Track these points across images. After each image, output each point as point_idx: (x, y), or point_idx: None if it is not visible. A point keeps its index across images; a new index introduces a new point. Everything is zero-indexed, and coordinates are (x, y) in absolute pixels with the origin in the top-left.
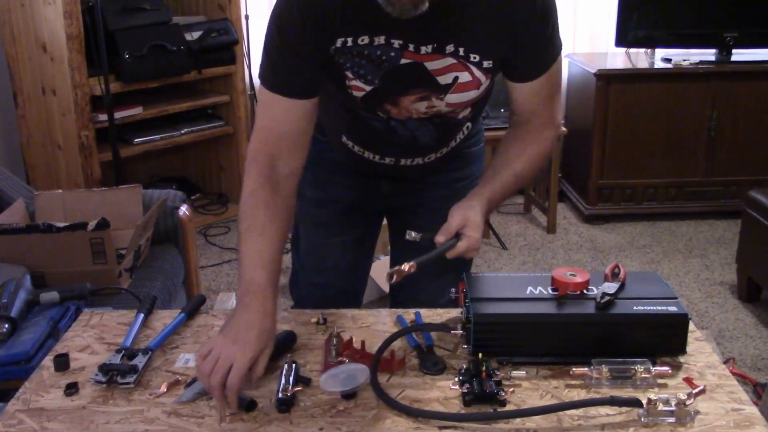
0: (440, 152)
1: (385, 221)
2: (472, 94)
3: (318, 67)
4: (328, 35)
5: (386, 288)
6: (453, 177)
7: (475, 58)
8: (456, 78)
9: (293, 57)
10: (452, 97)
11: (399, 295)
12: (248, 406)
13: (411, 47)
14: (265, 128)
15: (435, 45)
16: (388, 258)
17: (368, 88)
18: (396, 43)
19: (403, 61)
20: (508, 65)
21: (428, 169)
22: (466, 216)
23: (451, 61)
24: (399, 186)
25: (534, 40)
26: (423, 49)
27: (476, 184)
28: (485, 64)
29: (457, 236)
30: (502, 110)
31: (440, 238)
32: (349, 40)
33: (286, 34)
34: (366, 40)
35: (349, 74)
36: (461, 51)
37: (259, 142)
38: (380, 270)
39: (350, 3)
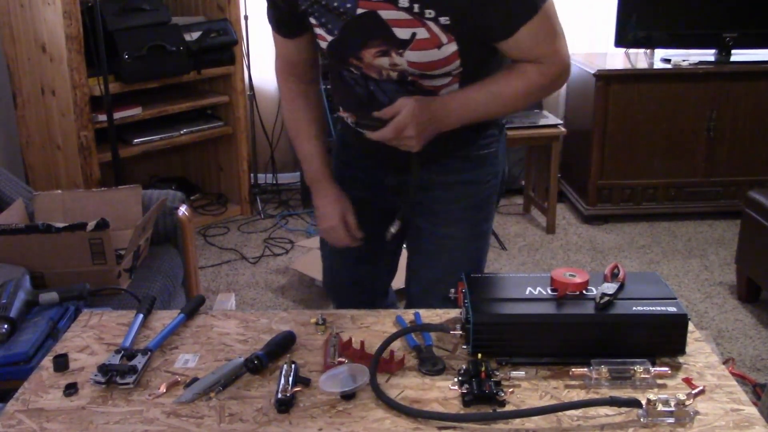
0: None
1: None
2: (434, 54)
3: (294, 14)
4: None
5: None
6: (458, 179)
7: (430, 13)
8: (414, 34)
9: (275, 7)
10: (412, 55)
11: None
12: None
13: None
14: (279, 56)
15: None
16: None
17: (330, 38)
18: None
19: (360, 10)
20: (481, 27)
21: (421, 156)
22: (405, 105)
23: (405, 15)
24: (402, 180)
25: None
26: None
27: (483, 189)
28: (442, 20)
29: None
30: None
31: (377, 115)
32: None
33: None
34: None
35: (314, 21)
36: (416, 6)
37: (280, 65)
38: None
39: None
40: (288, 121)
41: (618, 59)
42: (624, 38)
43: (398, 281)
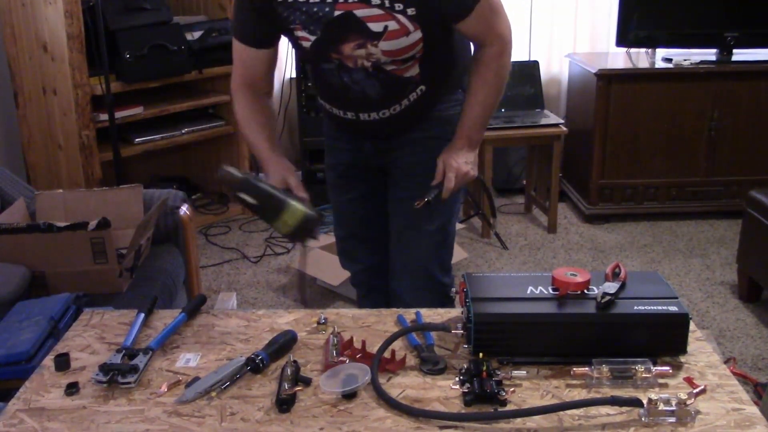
0: (393, 109)
1: None
2: (403, 42)
3: (267, 21)
4: None
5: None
6: (425, 135)
7: (399, 6)
8: (386, 27)
9: (247, 11)
10: (385, 45)
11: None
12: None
13: None
14: (238, 68)
15: None
16: None
17: (312, 38)
18: None
19: (337, 12)
20: (441, 13)
21: (392, 127)
22: (444, 160)
23: (378, 11)
24: (379, 146)
25: None
26: None
27: (450, 143)
28: (409, 11)
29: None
30: (503, 110)
31: (433, 182)
32: None
33: None
34: None
35: (295, 26)
36: (386, 2)
37: (237, 78)
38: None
39: None
40: (243, 128)
41: (619, 59)
42: (625, 38)
43: None
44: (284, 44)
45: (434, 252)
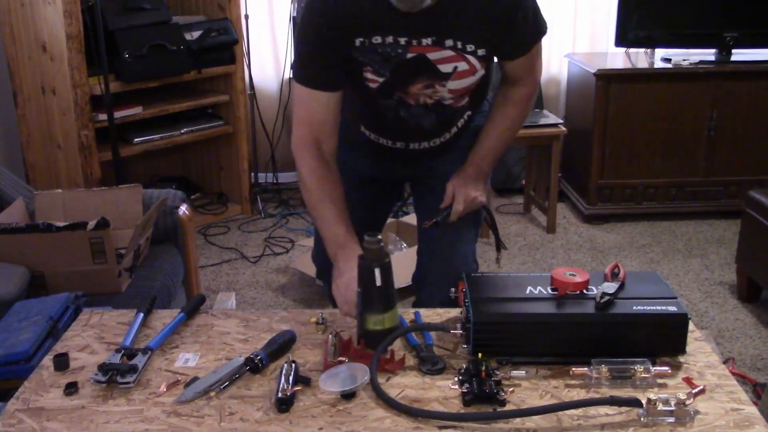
0: (443, 137)
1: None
2: (470, 80)
3: (341, 63)
4: (348, 37)
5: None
6: (458, 145)
7: (470, 48)
8: (455, 67)
9: (321, 56)
10: (453, 84)
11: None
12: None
13: (414, 42)
14: (305, 119)
15: (434, 38)
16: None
17: (381, 80)
18: (402, 40)
19: (409, 55)
20: (505, 51)
21: (437, 152)
22: (454, 185)
23: (450, 53)
24: (411, 165)
25: (517, 27)
26: (424, 41)
27: (460, 169)
28: (480, 52)
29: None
30: None
31: (442, 205)
32: (366, 40)
33: (314, 37)
34: (379, 39)
35: (365, 68)
36: (459, 44)
37: (303, 132)
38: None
39: (365, 10)
40: (314, 202)
41: (618, 59)
42: (624, 38)
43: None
44: (284, 44)
45: (471, 258)
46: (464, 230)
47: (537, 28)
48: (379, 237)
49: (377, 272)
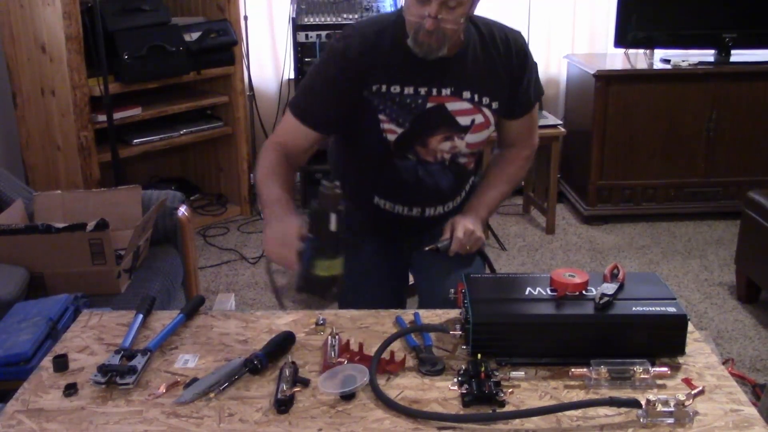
0: (455, 201)
1: None
2: (485, 134)
3: (346, 107)
4: (365, 80)
5: None
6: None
7: (485, 100)
8: (473, 120)
9: (329, 96)
10: (471, 137)
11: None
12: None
13: (434, 92)
14: (281, 136)
15: (453, 89)
16: None
17: (400, 130)
18: (422, 90)
19: (429, 105)
20: (512, 107)
21: (446, 219)
22: (453, 220)
23: (467, 105)
24: (418, 241)
25: (526, 83)
26: (444, 92)
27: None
28: (494, 105)
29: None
30: None
31: (442, 237)
32: (383, 87)
33: (329, 76)
34: (398, 89)
35: (383, 117)
36: (476, 97)
37: (275, 144)
38: None
39: (386, 57)
40: (265, 175)
41: (618, 60)
42: (624, 38)
43: None
44: (284, 42)
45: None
46: (466, 261)
47: (538, 87)
48: (337, 183)
49: (333, 218)
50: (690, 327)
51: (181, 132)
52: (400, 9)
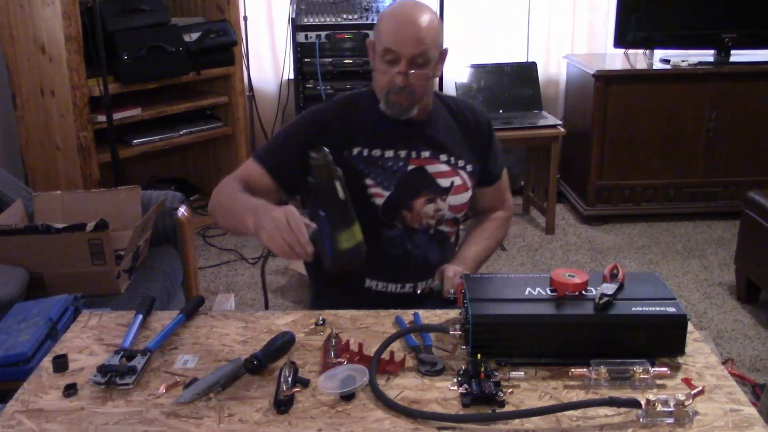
0: None
1: None
2: (465, 197)
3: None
4: (343, 143)
5: None
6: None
7: (461, 163)
8: (452, 182)
9: (295, 150)
10: (452, 199)
11: None
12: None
13: (414, 154)
14: (241, 177)
15: (431, 152)
16: None
17: (386, 193)
18: (402, 153)
19: (410, 167)
20: (482, 171)
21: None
22: (442, 268)
23: (445, 167)
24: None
25: (494, 148)
26: (422, 154)
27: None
28: (469, 168)
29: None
30: (501, 111)
31: (435, 281)
32: (365, 150)
33: (305, 132)
34: (378, 152)
35: (369, 182)
36: (452, 159)
37: (234, 180)
38: None
39: (363, 121)
40: (232, 199)
41: (617, 60)
42: (623, 39)
43: None
44: (283, 42)
45: None
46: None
47: (503, 157)
48: (326, 150)
49: (338, 185)
50: (690, 327)
51: (181, 132)
52: (370, 85)
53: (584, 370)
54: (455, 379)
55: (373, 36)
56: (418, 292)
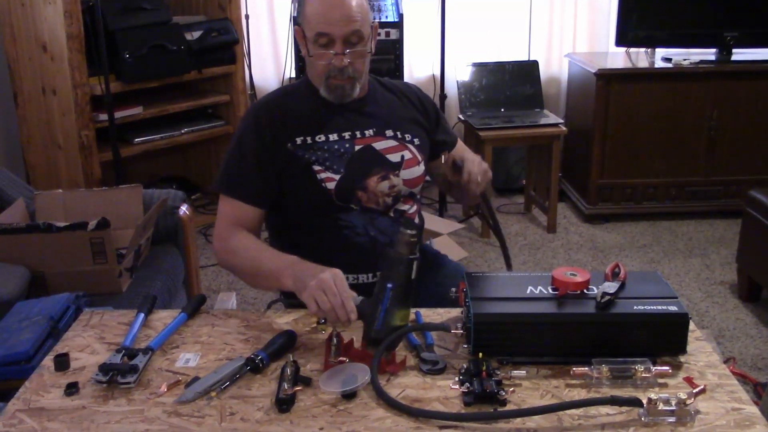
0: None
1: None
2: (418, 170)
3: (272, 173)
4: (285, 136)
5: None
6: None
7: (408, 137)
8: (402, 156)
9: (251, 166)
10: (405, 173)
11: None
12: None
13: (358, 134)
14: (231, 222)
15: (375, 129)
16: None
17: (336, 177)
18: (347, 135)
19: (357, 147)
20: (437, 143)
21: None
22: (465, 160)
23: (393, 143)
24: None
25: (443, 122)
26: (367, 132)
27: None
28: (416, 141)
29: (459, 171)
30: (502, 110)
31: (447, 161)
32: (308, 138)
33: (247, 147)
34: (322, 138)
35: (317, 168)
36: (398, 134)
37: (224, 225)
38: None
39: (300, 112)
40: (249, 256)
41: (619, 58)
42: (625, 37)
43: None
44: (284, 41)
45: None
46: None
47: (455, 135)
48: (418, 227)
49: (414, 265)
50: (691, 326)
51: (183, 131)
52: (305, 76)
53: (586, 368)
54: (457, 378)
55: (300, 23)
56: (444, 156)
